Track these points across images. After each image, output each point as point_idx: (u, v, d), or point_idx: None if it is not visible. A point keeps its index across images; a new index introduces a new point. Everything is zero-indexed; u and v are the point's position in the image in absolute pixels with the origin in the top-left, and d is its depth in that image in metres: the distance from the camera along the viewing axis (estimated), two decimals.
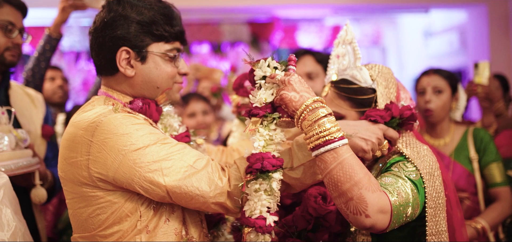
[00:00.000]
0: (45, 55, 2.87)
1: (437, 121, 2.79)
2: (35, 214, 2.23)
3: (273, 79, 1.54)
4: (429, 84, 2.77)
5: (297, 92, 1.49)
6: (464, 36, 6.69)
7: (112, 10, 1.59)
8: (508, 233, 2.84)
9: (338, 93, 1.77)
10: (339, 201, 1.45)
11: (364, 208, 1.41)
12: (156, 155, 1.45)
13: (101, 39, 1.58)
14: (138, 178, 1.44)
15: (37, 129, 2.36)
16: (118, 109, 1.52)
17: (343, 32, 1.85)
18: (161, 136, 1.50)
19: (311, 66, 2.73)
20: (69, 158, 1.50)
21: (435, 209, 1.61)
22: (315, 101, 1.47)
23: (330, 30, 8.34)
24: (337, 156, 1.43)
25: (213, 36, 7.88)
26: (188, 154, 1.50)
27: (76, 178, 1.49)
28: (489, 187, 2.72)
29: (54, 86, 3.67)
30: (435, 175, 1.62)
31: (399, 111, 1.67)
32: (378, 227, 1.45)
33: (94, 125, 1.46)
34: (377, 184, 1.46)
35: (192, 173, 1.47)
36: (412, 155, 1.64)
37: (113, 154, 1.44)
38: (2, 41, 2.18)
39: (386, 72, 1.79)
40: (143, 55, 1.59)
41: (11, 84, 2.37)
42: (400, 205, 1.48)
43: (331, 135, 1.43)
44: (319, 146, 1.44)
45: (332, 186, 1.45)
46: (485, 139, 2.74)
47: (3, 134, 1.94)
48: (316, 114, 1.45)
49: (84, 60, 7.67)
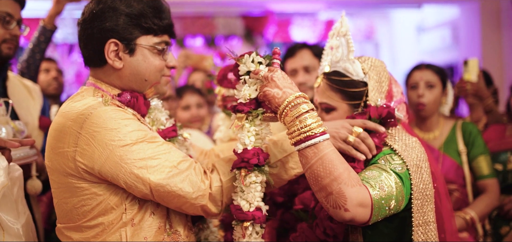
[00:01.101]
0: (40, 47, 2.88)
1: (429, 115, 2.83)
2: (32, 205, 2.24)
3: (257, 75, 1.56)
4: (422, 78, 2.81)
5: (280, 89, 1.51)
6: (456, 32, 6.74)
7: (101, 1, 1.58)
8: (494, 225, 2.90)
9: (330, 84, 1.78)
10: (320, 195, 1.49)
11: (343, 202, 1.44)
12: (142, 153, 1.46)
13: (89, 30, 1.58)
14: (123, 173, 1.46)
15: (34, 121, 2.36)
16: (107, 102, 1.53)
17: (338, 24, 1.85)
18: (148, 134, 1.51)
19: (308, 60, 2.76)
20: (57, 148, 1.50)
21: (422, 200, 1.63)
22: (297, 97, 1.50)
23: (324, 24, 8.36)
24: (317, 152, 1.46)
25: (207, 29, 7.88)
26: (173, 154, 1.52)
27: (62, 168, 1.49)
28: (477, 179, 2.77)
29: (49, 78, 3.67)
30: (422, 167, 1.64)
31: (377, 112, 1.69)
32: (358, 220, 1.49)
33: (83, 117, 1.47)
34: (357, 179, 1.49)
35: (176, 174, 1.49)
36: (400, 148, 1.65)
37: (101, 148, 1.45)
38: None
39: (379, 65, 1.80)
40: (132, 48, 1.59)
41: (9, 75, 2.36)
42: (382, 198, 1.51)
43: (312, 130, 1.47)
44: (300, 142, 1.48)
45: (313, 180, 1.49)
46: (473, 132, 2.78)
47: (0, 126, 1.95)
48: (297, 110, 1.48)
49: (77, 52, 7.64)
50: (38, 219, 2.31)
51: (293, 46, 2.92)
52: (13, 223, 1.69)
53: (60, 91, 3.79)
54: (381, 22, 8.75)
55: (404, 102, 1.88)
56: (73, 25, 7.48)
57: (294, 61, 2.83)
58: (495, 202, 2.76)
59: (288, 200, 2.00)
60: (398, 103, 1.81)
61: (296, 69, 2.81)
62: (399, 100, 1.83)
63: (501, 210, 2.83)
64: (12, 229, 1.69)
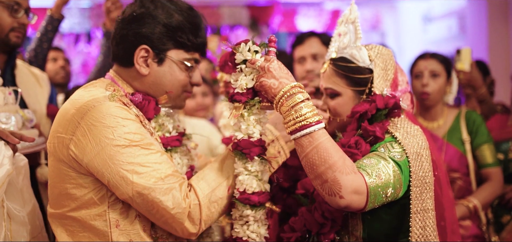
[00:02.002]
0: (47, 36, 2.91)
1: (433, 104, 2.83)
2: (40, 192, 2.26)
3: (253, 65, 1.57)
4: (427, 68, 2.81)
5: (276, 79, 1.52)
6: (463, 22, 6.71)
7: (144, 6, 1.61)
8: (495, 214, 2.92)
9: (336, 70, 1.79)
10: (316, 182, 1.51)
11: (338, 190, 1.47)
12: (132, 157, 1.45)
13: (125, 31, 1.60)
14: (109, 172, 1.45)
15: (42, 109, 2.38)
16: (114, 97, 1.53)
17: (347, 11, 1.87)
18: (145, 139, 1.49)
19: (316, 48, 2.78)
20: (56, 131, 1.52)
21: (421, 188, 1.65)
22: (293, 87, 1.51)
23: (329, 14, 8.34)
24: (312, 140, 1.48)
25: (213, 19, 7.89)
26: (163, 167, 1.49)
27: (57, 153, 1.51)
28: (481, 167, 2.78)
29: (56, 67, 3.71)
30: (423, 155, 1.66)
31: (384, 102, 1.70)
32: (354, 207, 1.51)
33: (86, 108, 1.48)
34: (352, 166, 1.51)
35: (161, 186, 1.46)
36: (401, 136, 1.67)
37: (94, 142, 1.45)
38: (7, 21, 2.18)
39: (386, 53, 1.80)
40: (161, 58, 1.61)
41: (17, 63, 2.38)
42: (379, 186, 1.53)
43: (307, 120, 1.48)
44: (295, 131, 1.50)
45: (308, 168, 1.51)
46: (477, 121, 2.79)
47: (10, 114, 1.97)
48: (293, 100, 1.50)
49: (84, 42, 7.68)
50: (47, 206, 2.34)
51: (302, 34, 2.94)
52: (19, 211, 1.71)
53: (67, 80, 3.83)
54: (388, 12, 8.71)
55: (409, 92, 1.89)
56: (79, 15, 7.52)
57: (303, 48, 2.85)
58: (498, 191, 2.78)
59: (293, 185, 2.02)
60: (403, 92, 1.82)
61: (304, 57, 2.83)
62: (404, 89, 1.84)
63: (502, 199, 2.84)
64: (18, 217, 1.71)
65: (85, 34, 7.67)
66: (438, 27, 7.52)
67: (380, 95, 1.72)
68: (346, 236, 1.73)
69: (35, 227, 1.81)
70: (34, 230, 1.80)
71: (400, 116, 1.74)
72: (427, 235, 1.67)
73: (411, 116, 1.87)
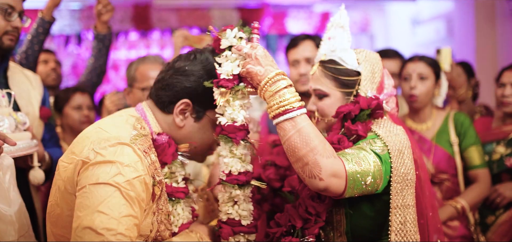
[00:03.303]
0: (38, 38, 2.91)
1: (421, 106, 2.87)
2: (32, 195, 2.27)
3: (240, 51, 1.62)
4: (414, 70, 2.85)
5: (262, 66, 1.58)
6: (450, 25, 6.78)
7: (195, 63, 1.66)
8: (481, 214, 2.96)
9: (324, 72, 1.85)
10: (297, 165, 1.57)
11: (318, 172, 1.53)
12: (106, 197, 1.39)
13: (173, 79, 1.66)
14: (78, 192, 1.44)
15: (35, 111, 2.38)
16: (137, 141, 1.54)
17: (337, 16, 1.94)
18: (132, 192, 1.43)
19: (310, 51, 2.81)
20: (71, 152, 1.54)
21: (402, 184, 1.70)
22: (278, 74, 1.57)
23: (319, 16, 8.37)
24: (295, 124, 1.54)
25: (203, 21, 7.88)
26: (121, 224, 1.38)
27: (66, 171, 1.51)
28: (469, 169, 2.83)
29: (47, 69, 3.69)
30: (404, 153, 1.71)
31: (367, 103, 1.76)
32: (332, 190, 1.57)
33: (108, 144, 1.48)
34: (332, 151, 1.57)
35: (107, 236, 1.36)
36: (383, 134, 1.73)
37: (93, 170, 1.44)
38: (1, 25, 2.17)
39: (373, 58, 1.86)
40: (200, 115, 1.66)
41: (10, 65, 2.37)
42: (358, 173, 1.59)
43: (290, 104, 1.55)
44: (279, 115, 1.56)
45: (290, 151, 1.56)
46: (465, 123, 2.83)
47: (3, 117, 1.98)
48: (277, 85, 1.56)
49: (74, 43, 7.64)
50: (38, 209, 2.34)
51: (296, 37, 2.96)
52: (6, 210, 1.73)
53: (58, 82, 3.82)
54: (377, 15, 8.77)
55: (395, 95, 1.94)
56: (70, 17, 7.48)
57: (296, 52, 2.87)
58: (486, 192, 2.82)
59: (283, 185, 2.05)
60: (388, 95, 1.88)
61: (298, 60, 2.85)
62: (390, 93, 1.90)
63: (486, 200, 2.89)
64: (6, 216, 1.72)
65: (75, 35, 7.63)
66: (427, 30, 7.59)
67: (363, 96, 1.78)
68: (331, 233, 1.78)
69: (22, 226, 1.83)
70: (22, 229, 1.81)
71: (382, 117, 1.80)
72: (407, 230, 1.72)
73: (396, 118, 1.92)
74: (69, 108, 3.20)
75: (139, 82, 2.70)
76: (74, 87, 3.34)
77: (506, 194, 2.88)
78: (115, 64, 7.70)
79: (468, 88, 3.59)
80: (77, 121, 3.19)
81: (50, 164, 2.34)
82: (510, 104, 2.99)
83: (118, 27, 7.46)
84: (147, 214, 1.55)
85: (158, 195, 1.59)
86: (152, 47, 7.76)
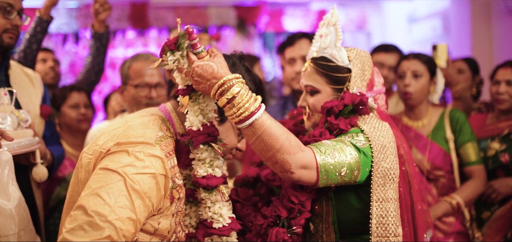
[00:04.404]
0: (36, 37, 2.93)
1: (416, 104, 2.89)
2: (33, 191, 2.29)
3: (182, 72, 1.59)
4: (409, 68, 2.87)
5: (206, 80, 1.53)
6: (447, 22, 6.80)
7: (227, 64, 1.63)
8: (476, 210, 2.99)
9: (316, 68, 1.89)
10: (268, 163, 1.62)
11: (288, 168, 1.59)
12: (111, 184, 1.41)
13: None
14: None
15: (35, 109, 2.40)
16: (162, 142, 1.57)
17: (329, 15, 1.96)
18: (143, 192, 1.44)
19: (306, 49, 2.80)
20: (94, 144, 1.57)
21: (384, 178, 1.74)
22: (224, 82, 1.52)
23: (316, 14, 8.39)
24: (255, 130, 1.56)
25: (200, 19, 7.89)
26: (118, 214, 1.39)
27: (88, 164, 1.55)
28: (464, 165, 2.85)
29: (45, 67, 3.71)
30: (388, 148, 1.75)
31: (351, 99, 1.80)
32: (305, 180, 1.63)
33: (133, 143, 1.51)
34: (298, 145, 1.61)
35: (96, 221, 1.36)
36: (367, 129, 1.77)
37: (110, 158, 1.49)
38: (0, 22, 2.19)
39: (364, 56, 1.91)
40: (223, 118, 1.67)
41: (11, 64, 2.39)
42: (330, 164, 1.63)
43: (246, 111, 1.53)
44: (239, 123, 1.55)
45: (258, 152, 1.61)
46: (460, 120, 2.85)
47: (5, 115, 2.00)
48: (228, 94, 1.52)
49: (71, 42, 7.65)
50: (39, 206, 2.37)
51: (292, 35, 2.98)
52: (5, 204, 1.75)
53: (56, 80, 3.83)
54: (373, 13, 8.79)
55: (384, 93, 1.99)
56: (67, 16, 7.48)
57: (293, 50, 2.89)
58: (481, 188, 2.85)
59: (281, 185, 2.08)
60: (377, 93, 1.93)
61: (294, 58, 2.87)
62: (380, 90, 1.95)
63: (481, 195, 2.91)
64: (5, 211, 1.74)
65: (73, 34, 7.63)
66: (423, 28, 7.61)
67: (349, 92, 1.82)
68: (320, 225, 1.81)
69: (22, 220, 1.84)
70: (21, 223, 1.83)
71: (368, 113, 1.84)
72: (388, 223, 1.75)
73: (384, 115, 1.95)
74: (66, 107, 3.22)
75: (132, 79, 2.72)
76: (70, 86, 3.36)
77: (501, 190, 2.91)
78: (113, 62, 7.70)
79: (472, 85, 3.63)
80: (74, 120, 3.21)
81: (52, 161, 2.37)
82: (505, 101, 3.02)
83: (116, 25, 7.46)
84: (165, 215, 1.57)
85: (177, 198, 1.61)
86: (149, 46, 7.77)
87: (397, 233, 1.76)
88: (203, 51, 1.59)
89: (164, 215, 1.57)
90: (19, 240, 1.79)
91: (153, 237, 1.56)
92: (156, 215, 1.54)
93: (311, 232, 1.83)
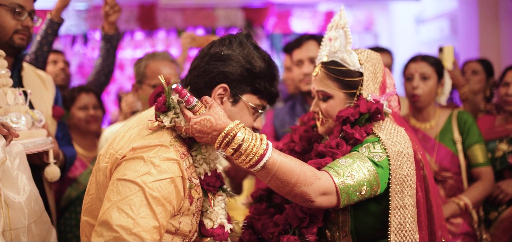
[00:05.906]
0: (47, 39, 2.96)
1: (424, 106, 2.89)
2: (46, 191, 2.31)
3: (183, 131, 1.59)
4: (417, 70, 2.87)
5: (206, 133, 1.52)
6: (454, 23, 6.79)
7: (231, 48, 1.64)
8: (484, 211, 3.00)
9: (327, 73, 1.87)
10: (288, 197, 1.61)
11: (308, 198, 1.58)
12: (130, 195, 1.42)
13: (209, 66, 1.63)
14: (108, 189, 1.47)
15: (48, 110, 2.42)
16: (176, 144, 1.56)
17: (337, 17, 1.93)
18: (158, 200, 1.44)
19: (314, 51, 2.82)
20: (111, 147, 1.58)
21: (402, 186, 1.73)
22: (227, 133, 1.50)
23: (323, 15, 8.41)
24: (268, 171, 1.55)
25: (208, 21, 7.93)
26: (141, 224, 1.40)
27: (105, 167, 1.56)
28: (472, 167, 2.85)
29: (56, 69, 3.75)
30: (405, 155, 1.74)
31: (366, 107, 1.78)
32: (326, 206, 1.63)
33: (148, 147, 1.51)
34: (314, 174, 1.59)
35: (123, 235, 1.38)
36: (384, 137, 1.74)
37: (126, 165, 1.49)
38: (11, 24, 2.21)
39: (375, 58, 1.88)
40: (236, 99, 1.64)
41: (24, 66, 2.42)
42: (350, 186, 1.62)
43: (255, 155, 1.51)
44: (250, 167, 1.54)
45: (276, 189, 1.60)
46: (468, 121, 2.85)
47: (20, 114, 2.02)
48: (233, 144, 1.50)
49: (80, 43, 7.70)
50: (52, 205, 2.39)
51: (300, 37, 2.97)
52: (15, 197, 1.75)
53: (67, 82, 3.87)
54: (381, 14, 8.79)
55: (396, 94, 1.97)
56: (76, 17, 7.54)
57: (300, 52, 2.89)
58: (489, 189, 2.84)
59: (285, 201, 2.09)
60: (390, 95, 1.90)
61: (302, 60, 2.88)
62: (392, 92, 1.92)
63: (489, 196, 2.91)
64: (15, 204, 1.74)
65: (82, 35, 7.70)
66: (430, 29, 7.61)
67: (364, 100, 1.79)
68: (336, 232, 1.80)
69: (34, 212, 1.84)
70: (33, 215, 1.82)
71: (383, 119, 1.82)
72: (406, 230, 1.74)
73: (398, 118, 1.93)
74: (75, 109, 3.25)
75: (150, 79, 2.73)
76: (79, 87, 3.38)
77: (508, 190, 2.90)
78: (121, 63, 7.76)
79: (486, 87, 3.63)
80: (83, 121, 3.24)
81: (64, 162, 2.39)
82: None
83: (124, 27, 7.52)
84: (185, 215, 1.58)
85: (196, 198, 1.61)
86: (157, 47, 7.82)
87: (414, 239, 1.76)
88: (197, 103, 1.58)
89: (185, 214, 1.58)
90: (30, 232, 1.79)
91: (175, 237, 1.57)
92: (177, 215, 1.55)
93: (328, 239, 1.83)
